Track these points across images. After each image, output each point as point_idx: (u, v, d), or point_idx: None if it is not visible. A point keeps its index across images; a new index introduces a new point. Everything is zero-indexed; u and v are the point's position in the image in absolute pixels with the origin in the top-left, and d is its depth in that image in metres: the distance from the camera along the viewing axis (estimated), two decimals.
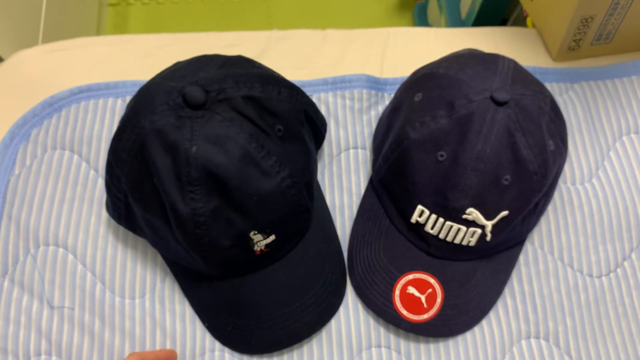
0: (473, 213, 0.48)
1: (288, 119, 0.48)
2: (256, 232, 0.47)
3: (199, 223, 0.44)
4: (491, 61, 0.51)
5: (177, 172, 0.43)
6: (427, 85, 0.51)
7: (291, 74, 0.61)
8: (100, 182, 0.56)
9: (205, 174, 0.43)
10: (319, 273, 0.51)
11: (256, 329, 0.49)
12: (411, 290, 0.51)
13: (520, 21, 0.83)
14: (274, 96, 0.48)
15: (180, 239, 0.46)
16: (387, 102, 0.62)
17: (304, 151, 0.50)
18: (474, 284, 0.52)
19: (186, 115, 0.44)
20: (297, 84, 0.60)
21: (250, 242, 0.47)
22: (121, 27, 1.26)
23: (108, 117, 0.59)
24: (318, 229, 0.53)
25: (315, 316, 0.50)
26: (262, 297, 0.49)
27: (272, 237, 0.48)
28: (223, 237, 0.46)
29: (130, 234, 0.54)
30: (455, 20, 0.99)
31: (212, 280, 0.50)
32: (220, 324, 0.51)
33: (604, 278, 0.55)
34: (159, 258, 0.54)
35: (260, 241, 0.47)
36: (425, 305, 0.50)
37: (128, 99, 0.60)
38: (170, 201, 0.44)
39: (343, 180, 0.58)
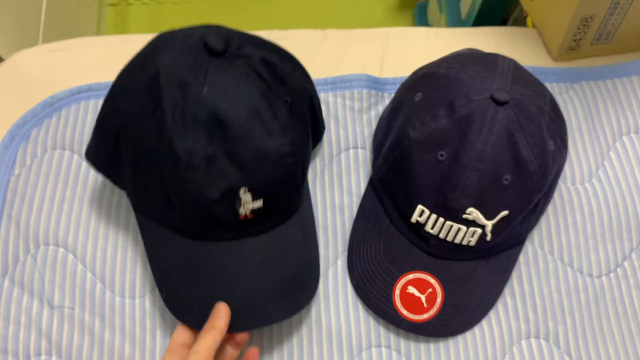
0: (473, 213, 0.48)
1: (296, 95, 0.49)
2: (246, 189, 0.45)
3: (191, 164, 0.43)
4: (491, 61, 0.51)
5: (183, 108, 0.43)
6: (427, 85, 0.51)
7: None
8: (101, 182, 0.56)
9: (211, 117, 0.43)
10: (291, 262, 0.49)
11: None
12: (411, 290, 0.51)
13: (520, 21, 0.83)
14: (288, 70, 0.48)
15: (166, 179, 0.45)
16: (387, 102, 0.62)
17: (304, 132, 0.50)
18: (474, 284, 0.52)
19: (204, 60, 0.44)
20: None
21: (237, 201, 0.46)
22: (121, 27, 1.26)
23: None
24: (300, 226, 0.51)
25: (285, 306, 0.48)
26: (233, 272, 0.47)
27: (260, 203, 0.47)
28: (212, 187, 0.44)
29: (131, 234, 0.54)
30: (455, 20, 0.99)
31: (183, 241, 0.48)
32: (181, 296, 0.47)
33: (604, 278, 0.55)
34: None
35: (248, 203, 0.46)
36: (425, 305, 0.50)
37: None
38: (168, 136, 0.43)
39: (343, 180, 0.58)
